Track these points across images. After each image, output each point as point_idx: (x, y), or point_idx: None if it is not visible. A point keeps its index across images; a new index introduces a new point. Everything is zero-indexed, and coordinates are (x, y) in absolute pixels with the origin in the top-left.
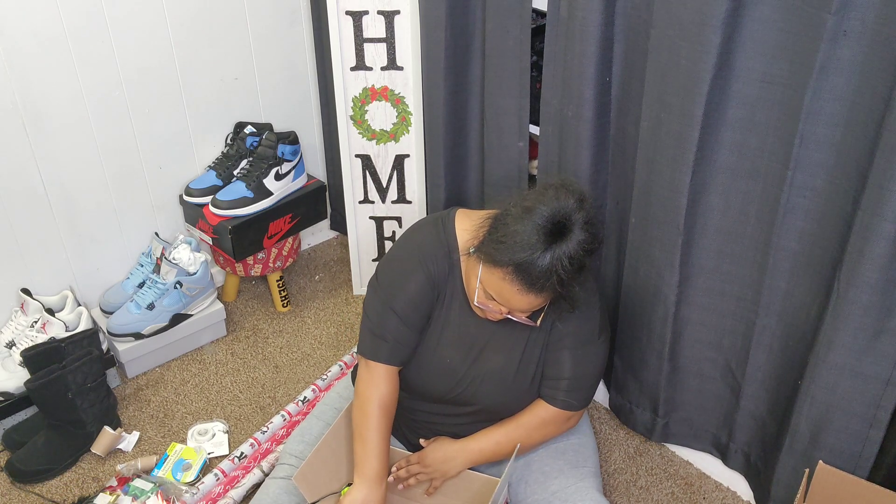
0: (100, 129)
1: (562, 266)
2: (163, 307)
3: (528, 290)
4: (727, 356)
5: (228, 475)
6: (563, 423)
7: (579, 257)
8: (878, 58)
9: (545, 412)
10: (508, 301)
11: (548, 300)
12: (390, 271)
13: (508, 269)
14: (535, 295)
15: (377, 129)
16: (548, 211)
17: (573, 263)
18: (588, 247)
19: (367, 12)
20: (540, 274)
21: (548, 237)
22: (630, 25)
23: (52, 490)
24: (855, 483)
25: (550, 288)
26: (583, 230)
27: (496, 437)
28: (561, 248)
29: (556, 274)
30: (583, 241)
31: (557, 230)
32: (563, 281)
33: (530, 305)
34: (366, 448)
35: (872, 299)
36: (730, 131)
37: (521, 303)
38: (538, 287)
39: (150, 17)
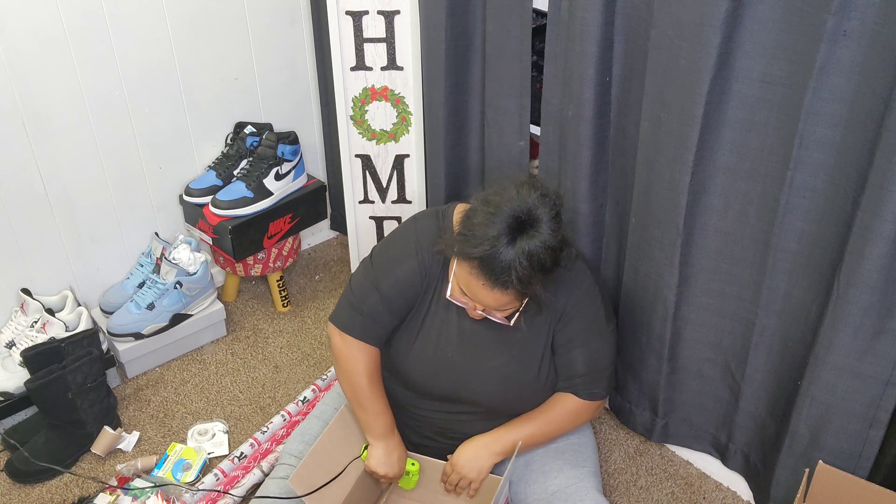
0: (100, 129)
1: (520, 263)
2: (163, 307)
3: (493, 286)
4: (727, 356)
5: (228, 475)
6: (593, 411)
7: (539, 256)
8: (877, 58)
9: (574, 403)
10: (476, 296)
11: (518, 299)
12: (384, 253)
13: (474, 263)
14: (500, 291)
15: (377, 129)
16: (511, 207)
17: (533, 261)
18: (551, 246)
19: (367, 12)
20: (501, 269)
21: (510, 233)
22: (630, 25)
23: (52, 490)
24: (855, 483)
25: (512, 285)
26: (549, 228)
27: (527, 430)
28: (521, 245)
29: (516, 270)
30: (546, 240)
31: (520, 226)
32: (523, 279)
33: (498, 302)
34: (367, 414)
35: (872, 300)
36: (729, 131)
37: (488, 298)
38: (501, 283)
39: (150, 17)
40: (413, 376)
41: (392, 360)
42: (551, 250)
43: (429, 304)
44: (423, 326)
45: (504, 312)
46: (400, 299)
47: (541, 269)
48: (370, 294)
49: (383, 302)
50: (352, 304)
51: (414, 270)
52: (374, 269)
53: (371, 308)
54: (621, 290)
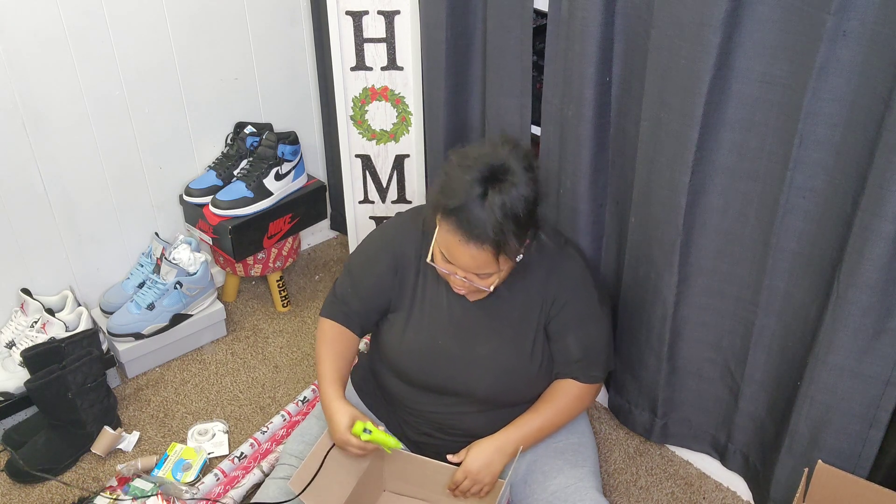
0: (100, 129)
1: (493, 212)
2: (163, 307)
3: (469, 240)
4: (726, 357)
5: (228, 475)
6: (594, 394)
7: (512, 205)
8: (877, 58)
9: (575, 388)
10: (454, 256)
11: (494, 258)
12: (363, 242)
13: (451, 218)
14: (476, 247)
15: (377, 129)
16: (484, 158)
17: (506, 210)
18: (524, 195)
19: (367, 12)
20: (476, 221)
21: (484, 183)
22: (630, 25)
23: (53, 490)
24: (854, 483)
25: (487, 237)
26: (521, 179)
27: (536, 423)
28: (494, 194)
29: (491, 220)
30: (519, 190)
31: (493, 176)
32: (496, 228)
33: (475, 261)
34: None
35: (872, 300)
36: (729, 131)
37: (465, 257)
38: (476, 236)
39: (150, 17)
40: (406, 367)
41: (385, 352)
42: (524, 200)
43: (413, 293)
44: (412, 316)
45: (486, 280)
46: (367, 283)
47: (514, 220)
48: (344, 279)
49: (353, 285)
50: (333, 289)
51: (383, 256)
52: (351, 257)
53: (342, 291)
54: (621, 290)
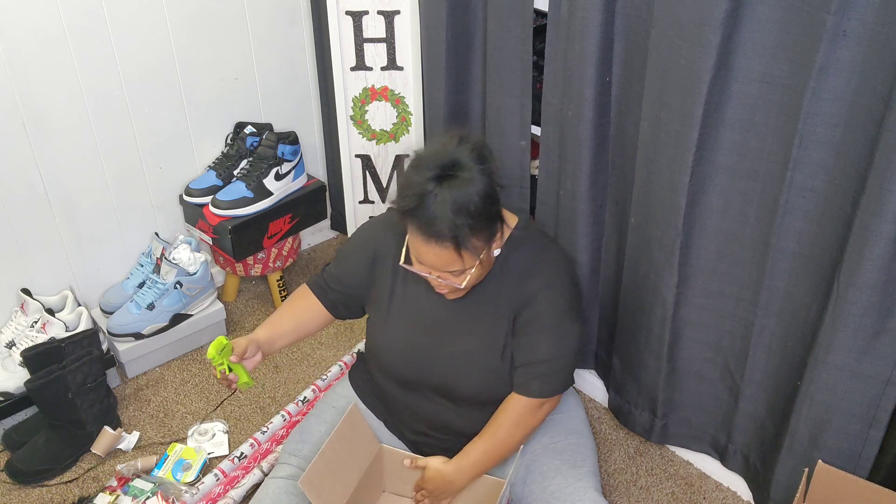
0: (100, 129)
1: (445, 209)
2: (163, 307)
3: (429, 239)
4: (726, 357)
5: (228, 475)
6: (536, 410)
7: (463, 200)
8: (877, 58)
9: (517, 404)
10: (422, 257)
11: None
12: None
13: (411, 220)
14: (437, 245)
15: (377, 129)
16: (434, 157)
17: (458, 206)
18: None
19: (367, 12)
20: (432, 219)
21: (435, 180)
22: (630, 25)
23: (52, 490)
24: (854, 483)
25: (444, 234)
26: (472, 173)
27: (481, 446)
28: (445, 191)
29: (445, 217)
30: (470, 184)
31: (443, 173)
32: (452, 225)
33: (440, 260)
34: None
35: (872, 300)
36: (729, 131)
37: (430, 256)
38: (435, 234)
39: (150, 17)
40: (388, 363)
41: (370, 347)
42: (477, 194)
43: (392, 289)
44: (391, 313)
45: (459, 277)
46: (347, 269)
47: (467, 214)
48: (333, 261)
49: (336, 268)
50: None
51: (363, 249)
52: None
53: (328, 271)
54: (621, 291)
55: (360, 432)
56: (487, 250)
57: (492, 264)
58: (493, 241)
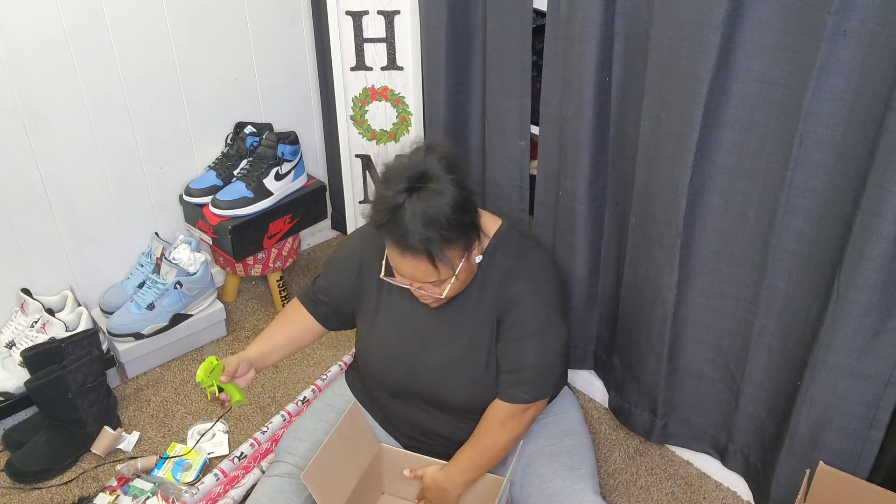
0: (100, 129)
1: (415, 221)
2: (163, 307)
3: (404, 252)
4: (726, 357)
5: (228, 475)
6: (521, 415)
7: (432, 211)
8: (877, 58)
9: (501, 410)
10: (399, 268)
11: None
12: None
13: (385, 234)
14: (412, 257)
15: (377, 129)
16: (403, 170)
17: (427, 218)
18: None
19: (367, 12)
20: (403, 231)
21: (405, 193)
22: (630, 25)
23: (52, 490)
24: (855, 484)
25: (416, 247)
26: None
27: (468, 453)
28: (413, 203)
29: (415, 230)
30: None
31: (413, 186)
32: (423, 238)
33: (417, 271)
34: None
35: (872, 300)
36: (729, 131)
37: (406, 268)
38: (408, 247)
39: (150, 18)
40: (373, 370)
41: (359, 354)
42: (447, 204)
43: (378, 298)
44: (377, 321)
45: (439, 287)
46: (335, 280)
47: (436, 226)
48: (322, 272)
49: (324, 279)
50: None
51: (350, 258)
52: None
53: (318, 282)
54: (621, 291)
55: (360, 430)
56: (466, 259)
57: (474, 272)
58: (472, 250)
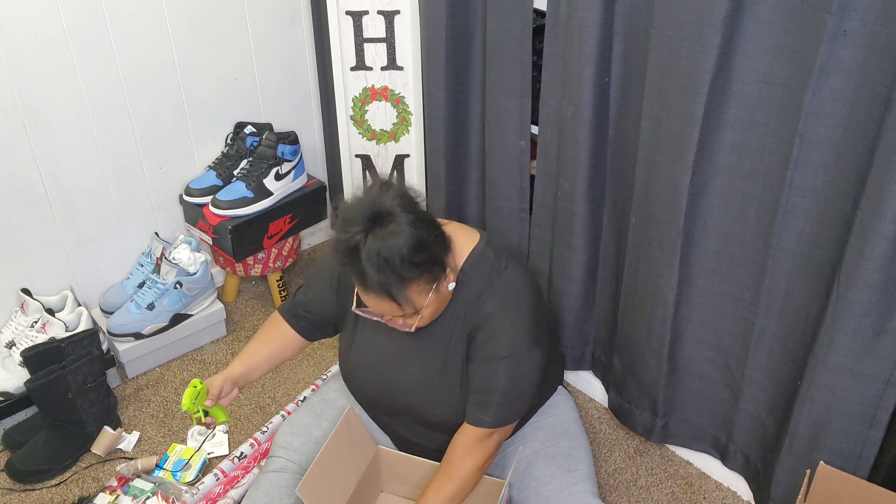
0: (100, 129)
1: (372, 264)
2: (163, 307)
3: (366, 290)
4: (726, 357)
5: (228, 475)
6: (485, 440)
7: (388, 254)
8: (877, 58)
9: (466, 435)
10: (366, 301)
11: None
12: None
13: (347, 271)
14: (374, 295)
15: (377, 129)
16: (360, 210)
17: (380, 261)
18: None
19: (367, 12)
20: (362, 273)
21: (363, 234)
22: (630, 25)
23: (53, 490)
24: (855, 484)
25: (374, 288)
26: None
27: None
28: (369, 245)
29: (371, 273)
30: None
31: (371, 226)
32: (378, 281)
33: (381, 308)
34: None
35: (872, 300)
36: (729, 132)
37: (372, 303)
38: (368, 286)
39: (150, 17)
40: (353, 387)
41: (341, 369)
42: (405, 246)
43: (356, 317)
44: (355, 340)
45: (410, 319)
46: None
47: (393, 270)
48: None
49: (304, 294)
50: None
51: (327, 275)
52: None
53: (299, 295)
54: (621, 291)
55: (356, 435)
56: (435, 289)
57: (448, 298)
58: (441, 282)
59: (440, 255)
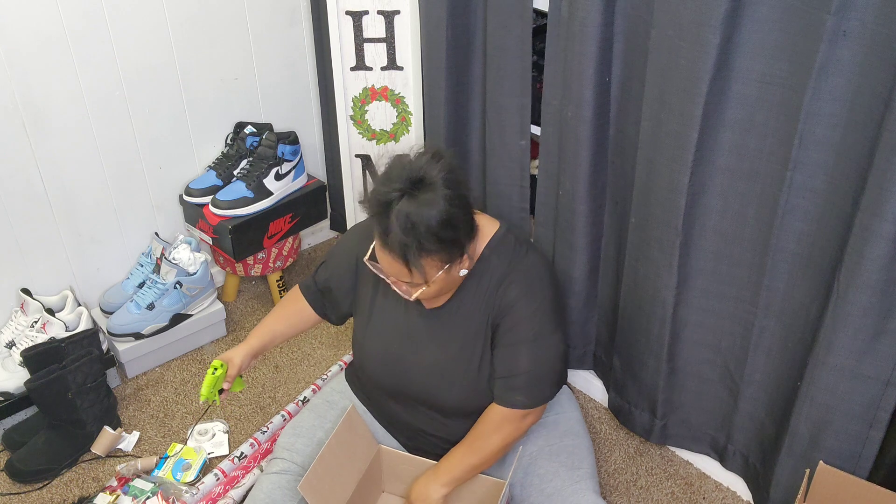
0: (100, 129)
1: (399, 225)
2: (163, 307)
3: (383, 247)
4: (725, 358)
5: (228, 475)
6: (519, 421)
7: (417, 220)
8: (877, 58)
9: (498, 414)
10: (379, 257)
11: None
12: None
13: (374, 222)
14: (390, 254)
15: (377, 129)
16: (404, 167)
17: (408, 224)
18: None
19: (367, 12)
20: (387, 230)
21: (399, 193)
22: (630, 26)
23: (52, 490)
24: (855, 483)
25: (394, 248)
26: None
27: (459, 451)
28: (404, 205)
29: (395, 233)
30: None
31: (409, 188)
32: (400, 242)
33: (391, 267)
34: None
35: (872, 300)
36: (729, 132)
37: (384, 261)
38: (387, 244)
39: (150, 17)
40: (367, 369)
41: (355, 353)
42: (434, 218)
43: (374, 298)
44: (371, 322)
45: (413, 288)
46: (332, 275)
47: (418, 236)
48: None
49: (323, 273)
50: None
51: (346, 256)
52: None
53: (318, 274)
54: (620, 291)
55: (358, 434)
56: (447, 271)
57: (457, 284)
58: (454, 265)
59: (464, 238)
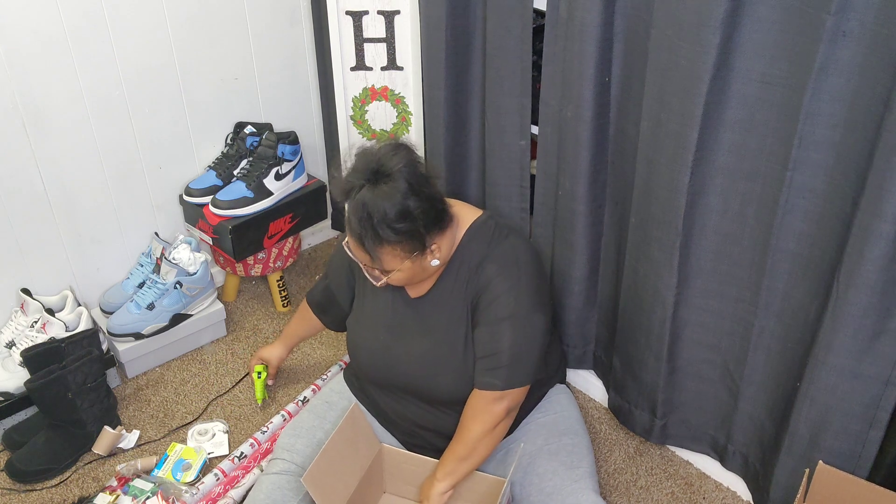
0: (100, 129)
1: (355, 212)
2: (163, 307)
3: (349, 231)
4: (725, 358)
5: (228, 475)
6: (493, 404)
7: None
8: (877, 58)
9: (474, 398)
10: (349, 241)
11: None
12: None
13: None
14: (354, 240)
15: (377, 129)
16: (367, 157)
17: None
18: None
19: (367, 12)
20: (349, 216)
21: (361, 181)
22: (630, 26)
23: (52, 490)
24: (855, 483)
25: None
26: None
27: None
28: (364, 195)
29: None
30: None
31: (368, 178)
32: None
33: (357, 252)
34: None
35: (871, 300)
36: (729, 132)
37: (352, 245)
38: (350, 229)
39: (150, 17)
40: (360, 362)
41: (348, 348)
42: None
43: (363, 291)
44: (362, 314)
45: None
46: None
47: (370, 225)
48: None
49: (324, 278)
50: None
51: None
52: None
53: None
54: (620, 291)
55: (361, 431)
56: (412, 260)
57: (429, 273)
58: (419, 255)
59: (424, 230)
